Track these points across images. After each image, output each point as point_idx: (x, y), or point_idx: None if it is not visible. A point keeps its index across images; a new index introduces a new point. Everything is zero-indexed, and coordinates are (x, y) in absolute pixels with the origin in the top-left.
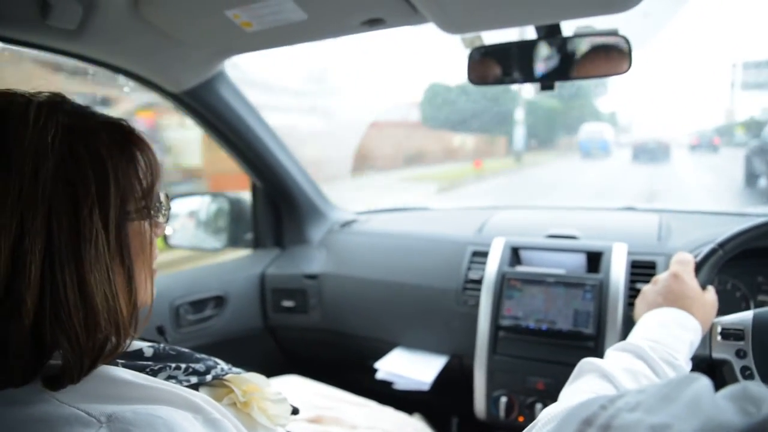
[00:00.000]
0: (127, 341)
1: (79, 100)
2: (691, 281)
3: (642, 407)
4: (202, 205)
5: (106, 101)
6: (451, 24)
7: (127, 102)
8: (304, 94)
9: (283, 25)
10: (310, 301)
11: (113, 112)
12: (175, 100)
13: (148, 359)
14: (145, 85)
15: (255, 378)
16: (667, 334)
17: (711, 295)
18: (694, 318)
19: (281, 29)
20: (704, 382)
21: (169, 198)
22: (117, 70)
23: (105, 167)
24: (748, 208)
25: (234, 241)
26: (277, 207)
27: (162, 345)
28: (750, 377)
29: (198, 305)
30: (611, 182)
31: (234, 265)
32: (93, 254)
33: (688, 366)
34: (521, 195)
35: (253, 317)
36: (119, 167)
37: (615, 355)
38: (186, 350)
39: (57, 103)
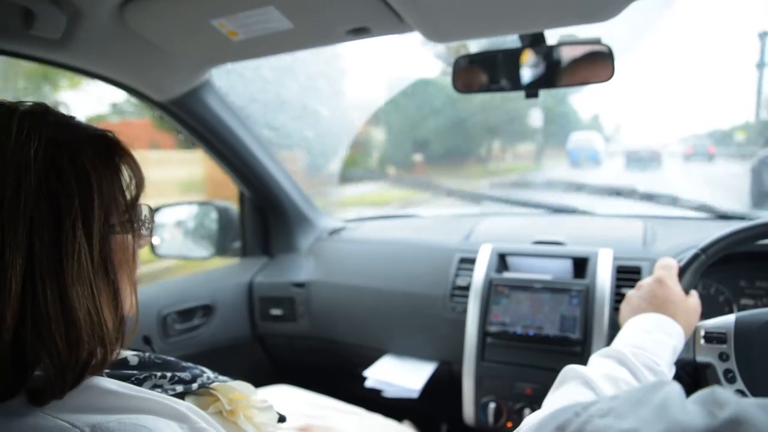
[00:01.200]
0: (114, 354)
1: None
2: (675, 286)
3: (613, 413)
4: (190, 213)
5: None
6: (436, 33)
7: None
8: None
9: (269, 34)
10: (298, 310)
11: None
12: (162, 109)
13: (132, 368)
14: (130, 94)
15: (241, 386)
16: (650, 340)
17: (694, 299)
18: (677, 323)
19: (267, 38)
20: (675, 387)
21: (152, 210)
22: (102, 79)
23: (89, 180)
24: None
25: (222, 250)
26: (264, 215)
27: (147, 354)
28: (732, 380)
29: (185, 314)
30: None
31: (222, 273)
32: (75, 268)
33: (671, 371)
34: None
35: (241, 326)
36: (103, 180)
37: (598, 362)
38: (171, 359)
39: (40, 113)
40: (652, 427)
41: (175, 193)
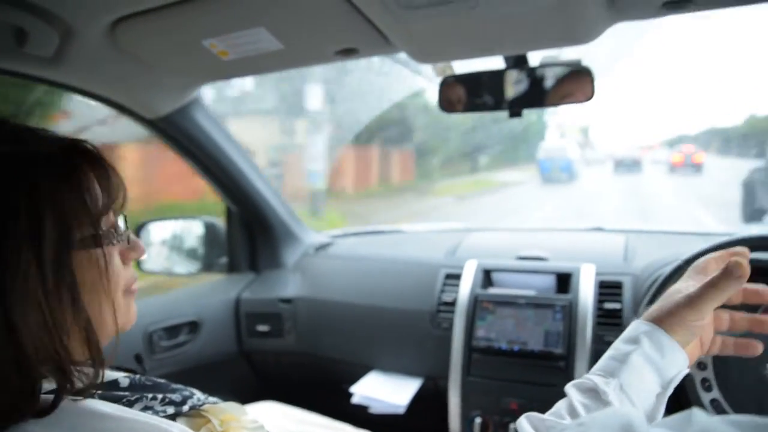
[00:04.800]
0: (100, 376)
1: None
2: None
3: None
4: (176, 229)
5: None
6: (421, 54)
7: None
8: None
9: (259, 54)
10: (285, 325)
11: None
12: (150, 126)
13: (124, 390)
14: (120, 111)
15: (232, 407)
16: (607, 357)
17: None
18: (661, 330)
19: (257, 58)
20: (633, 413)
21: (126, 220)
22: (92, 96)
23: (41, 197)
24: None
25: (208, 266)
26: (251, 231)
27: (138, 375)
28: (709, 388)
29: (172, 331)
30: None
31: (208, 289)
32: (22, 290)
33: (647, 384)
34: None
35: (228, 342)
36: (61, 195)
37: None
38: (162, 380)
39: None
40: None
41: None
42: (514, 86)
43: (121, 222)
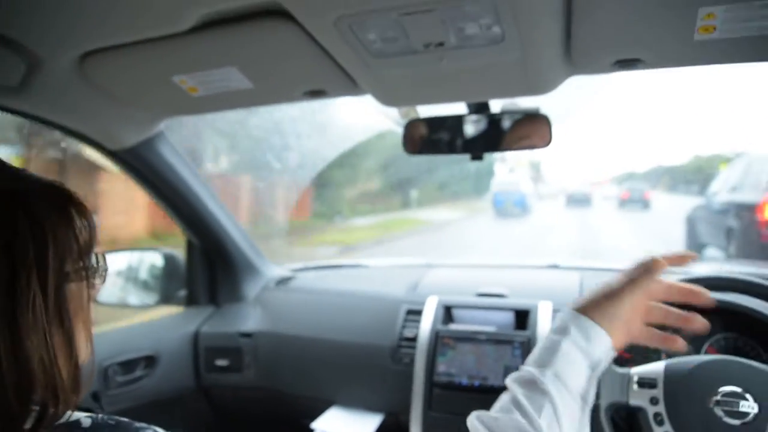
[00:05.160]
0: (69, 406)
1: None
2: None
3: None
4: (132, 260)
5: None
6: (387, 97)
7: None
8: None
9: (229, 91)
10: (244, 360)
11: None
12: (113, 158)
13: (85, 430)
14: (83, 142)
15: None
16: (540, 347)
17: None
18: (590, 319)
19: (226, 95)
20: None
21: (105, 258)
22: (56, 127)
23: (43, 230)
24: None
25: (166, 299)
26: (212, 264)
27: (100, 415)
28: (661, 422)
29: (127, 366)
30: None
31: (166, 323)
32: (30, 318)
33: (578, 370)
34: None
35: (186, 377)
36: (58, 230)
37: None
38: (124, 420)
39: None
40: None
41: None
42: (475, 131)
43: (100, 258)
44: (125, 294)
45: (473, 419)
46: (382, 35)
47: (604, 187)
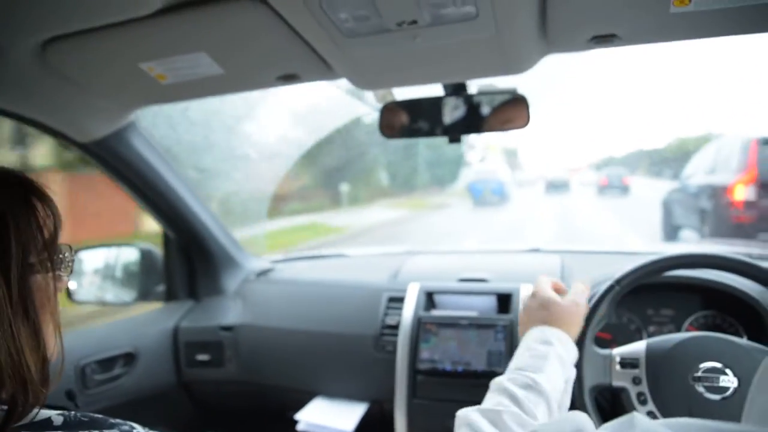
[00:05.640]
0: (38, 400)
1: None
2: (547, 292)
3: None
4: (109, 256)
5: None
6: (362, 81)
7: None
8: None
9: (199, 78)
10: (226, 354)
11: None
12: (84, 151)
13: (57, 429)
14: (50, 135)
15: None
16: (530, 356)
17: (571, 299)
18: (559, 329)
19: (197, 82)
20: (584, 417)
21: (72, 250)
22: (21, 119)
23: (4, 219)
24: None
25: (144, 294)
26: (190, 258)
27: (72, 412)
28: (644, 402)
29: (106, 364)
30: None
31: (145, 319)
32: None
33: (565, 373)
34: None
35: (166, 373)
36: (19, 218)
37: (487, 398)
38: (99, 416)
39: None
40: None
41: None
42: (453, 113)
43: (66, 250)
44: (102, 291)
45: (473, 413)
46: (353, 13)
47: (582, 173)
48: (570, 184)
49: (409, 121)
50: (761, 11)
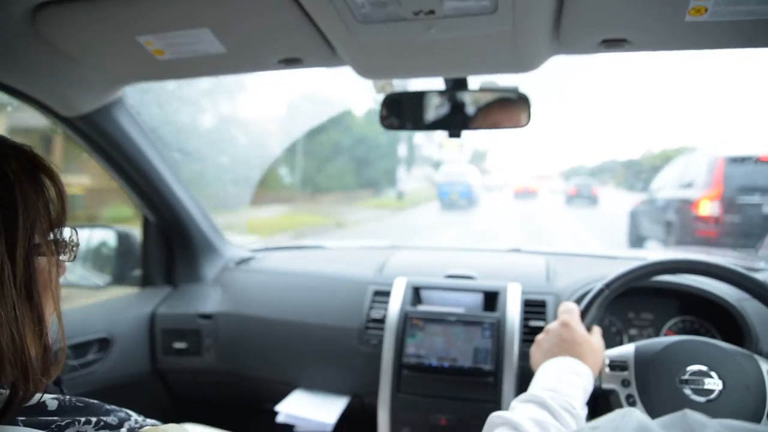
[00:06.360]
0: (38, 387)
1: None
2: (579, 328)
3: None
4: (85, 238)
5: None
6: (366, 69)
7: None
8: None
9: (199, 56)
10: (204, 343)
11: None
12: (66, 125)
13: (52, 413)
14: (34, 107)
15: (172, 429)
16: (563, 382)
17: (597, 339)
18: (585, 364)
19: (196, 60)
20: (640, 414)
21: (77, 233)
22: (5, 89)
23: (13, 194)
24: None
25: (120, 279)
26: (169, 242)
27: (67, 396)
28: (633, 404)
29: (79, 349)
30: None
31: (120, 304)
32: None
33: (584, 410)
34: None
35: (141, 360)
36: (28, 195)
37: (520, 407)
38: (94, 401)
39: None
40: None
41: None
42: (453, 107)
43: (71, 233)
44: (75, 274)
45: (519, 417)
46: None
47: (551, 181)
48: (538, 192)
49: (408, 113)
50: None
